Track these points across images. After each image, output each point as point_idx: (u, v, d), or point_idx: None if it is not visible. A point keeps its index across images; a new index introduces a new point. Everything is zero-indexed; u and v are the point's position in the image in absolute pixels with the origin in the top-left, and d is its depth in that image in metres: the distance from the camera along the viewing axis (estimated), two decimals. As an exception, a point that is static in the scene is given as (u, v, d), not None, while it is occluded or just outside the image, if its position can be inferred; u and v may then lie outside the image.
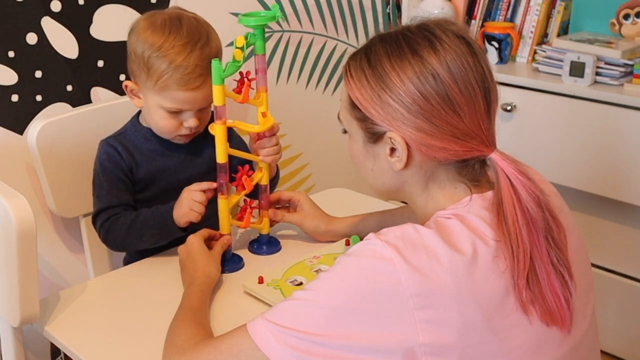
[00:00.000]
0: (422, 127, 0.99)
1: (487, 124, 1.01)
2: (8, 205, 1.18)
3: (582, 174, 2.12)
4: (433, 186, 1.05)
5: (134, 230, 1.45)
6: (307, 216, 1.51)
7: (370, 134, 1.05)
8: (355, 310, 0.93)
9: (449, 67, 0.98)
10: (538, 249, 0.97)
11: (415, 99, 0.98)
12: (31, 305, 1.24)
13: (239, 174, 1.44)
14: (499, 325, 0.94)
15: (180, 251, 1.39)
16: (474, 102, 0.99)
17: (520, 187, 0.98)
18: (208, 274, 1.32)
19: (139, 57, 1.42)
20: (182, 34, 1.41)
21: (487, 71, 1.02)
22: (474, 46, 1.02)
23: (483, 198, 1.01)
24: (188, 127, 1.46)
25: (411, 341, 0.92)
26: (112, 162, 1.49)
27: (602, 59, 2.09)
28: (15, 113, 1.68)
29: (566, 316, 0.98)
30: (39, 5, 1.67)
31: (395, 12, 2.55)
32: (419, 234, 0.96)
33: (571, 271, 0.99)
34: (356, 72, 1.04)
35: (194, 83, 1.41)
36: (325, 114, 2.45)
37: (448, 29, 1.02)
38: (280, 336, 0.96)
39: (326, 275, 0.98)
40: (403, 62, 1.00)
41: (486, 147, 1.00)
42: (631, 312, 2.17)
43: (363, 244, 0.98)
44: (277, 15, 1.40)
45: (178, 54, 1.39)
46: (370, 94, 1.01)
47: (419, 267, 0.92)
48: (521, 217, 0.96)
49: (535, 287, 0.96)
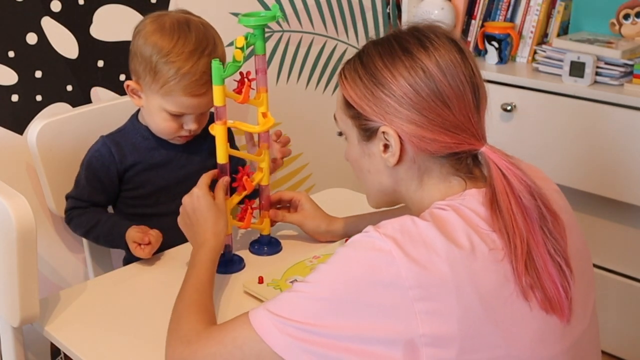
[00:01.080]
0: (414, 119, 1.02)
1: (476, 118, 1.04)
2: (8, 205, 1.18)
3: (582, 174, 2.12)
4: (429, 181, 1.07)
5: (92, 234, 1.54)
6: (308, 216, 1.51)
7: (364, 131, 1.08)
8: (354, 301, 0.94)
9: (438, 62, 1.02)
10: (534, 237, 0.98)
11: (407, 92, 1.02)
12: (31, 305, 1.24)
13: (239, 175, 1.44)
14: (499, 316, 0.95)
15: (185, 203, 1.35)
16: (463, 96, 1.03)
17: (512, 176, 1.00)
18: (216, 234, 1.31)
19: (146, 59, 1.43)
20: (190, 40, 1.42)
21: (476, 70, 1.06)
22: (462, 47, 1.06)
23: (479, 193, 1.03)
24: (188, 129, 1.48)
25: (411, 332, 0.92)
26: (99, 163, 1.52)
27: (602, 59, 2.09)
28: (15, 113, 1.68)
29: (564, 305, 0.99)
30: (39, 5, 1.67)
31: (395, 12, 2.55)
32: (417, 226, 0.97)
33: (569, 263, 1.00)
34: (350, 73, 1.08)
35: (199, 90, 1.42)
36: (325, 114, 2.43)
37: (438, 31, 1.07)
38: (283, 327, 0.97)
39: (325, 267, 1.00)
40: (394, 60, 1.04)
41: (477, 140, 1.04)
42: (631, 312, 2.17)
43: (361, 236, 0.99)
44: (277, 15, 1.40)
45: (186, 61, 1.41)
46: (364, 91, 1.05)
47: (418, 259, 0.93)
48: (515, 205, 0.99)
49: (533, 273, 0.97)
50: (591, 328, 1.07)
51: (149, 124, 1.51)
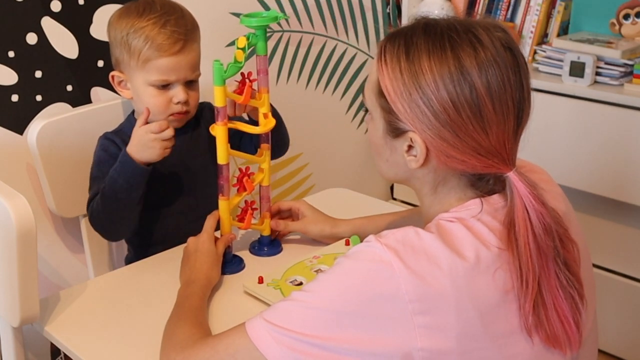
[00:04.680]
0: (446, 137, 0.96)
1: (512, 144, 0.99)
2: (8, 205, 1.18)
3: (581, 174, 2.12)
4: (442, 190, 1.04)
5: (107, 194, 1.43)
6: (310, 222, 1.50)
7: (392, 128, 1.02)
8: (352, 313, 0.93)
9: (489, 82, 0.95)
10: (545, 272, 0.95)
11: (446, 107, 0.95)
12: (31, 305, 1.24)
13: (240, 175, 1.43)
14: (498, 333, 0.94)
15: (190, 243, 1.38)
16: (505, 123, 0.97)
17: (533, 212, 0.96)
18: (209, 277, 1.32)
19: (118, 40, 1.46)
20: (155, 9, 1.46)
21: (527, 89, 0.99)
22: (519, 60, 0.99)
23: (489, 203, 1.00)
24: (178, 101, 1.47)
25: (409, 346, 0.91)
26: (107, 152, 1.51)
27: (602, 59, 2.09)
28: (15, 113, 1.68)
29: (575, 339, 0.97)
30: (38, 5, 1.66)
31: (395, 12, 2.55)
32: (420, 238, 0.95)
33: (582, 292, 0.98)
34: (391, 59, 0.99)
35: (173, 47, 1.44)
36: (325, 114, 2.45)
37: (495, 37, 0.98)
38: (278, 337, 0.96)
39: (324, 277, 0.98)
40: (442, 66, 0.95)
41: (505, 165, 0.98)
42: (631, 312, 2.17)
43: (362, 246, 0.97)
44: (279, 16, 1.40)
45: (154, 25, 1.44)
46: (402, 88, 0.98)
47: (419, 271, 0.92)
48: (532, 240, 0.95)
49: (540, 311, 0.94)
50: (591, 336, 1.06)
51: (142, 111, 1.51)
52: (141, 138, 1.40)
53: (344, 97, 2.50)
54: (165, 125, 1.40)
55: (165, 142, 1.40)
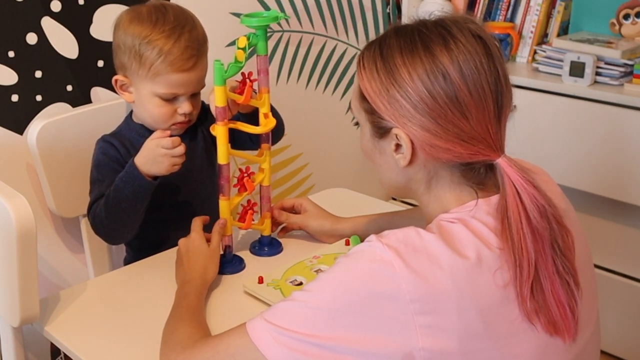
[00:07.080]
0: (428, 127, 0.98)
1: (495, 128, 0.99)
2: (8, 205, 1.18)
3: (581, 174, 2.12)
4: (437, 186, 1.04)
5: (110, 202, 1.42)
6: (311, 216, 1.51)
7: (377, 128, 1.04)
8: (353, 313, 0.93)
9: (461, 68, 0.97)
10: (543, 257, 0.95)
11: (423, 97, 0.97)
12: (31, 305, 1.24)
13: (240, 175, 1.43)
14: (500, 332, 0.94)
15: (180, 244, 1.38)
16: (484, 106, 0.98)
17: (525, 195, 0.96)
18: (204, 276, 1.32)
19: (129, 48, 1.43)
20: (168, 19, 1.44)
21: (502, 74, 1.00)
22: (490, 47, 1.00)
23: (488, 203, 1.00)
24: (183, 113, 1.47)
25: (411, 345, 0.91)
26: (107, 156, 1.49)
27: (602, 59, 2.09)
28: (15, 113, 1.68)
29: (571, 326, 0.97)
30: (39, 5, 1.66)
31: (395, 12, 2.55)
32: (421, 238, 0.95)
33: (577, 279, 0.98)
34: (368, 63, 1.03)
35: (186, 64, 1.42)
36: (325, 114, 2.45)
37: (465, 27, 1.00)
38: (278, 337, 0.95)
39: (325, 277, 0.98)
40: (414, 59, 0.98)
41: (493, 151, 0.99)
42: (631, 312, 2.18)
43: (364, 245, 0.97)
44: (279, 16, 1.40)
45: (168, 38, 1.41)
46: (380, 86, 1.01)
47: (420, 271, 0.91)
48: (526, 225, 0.95)
49: (539, 297, 0.94)
50: (594, 336, 1.06)
51: (143, 117, 1.50)
52: (151, 151, 1.38)
53: (344, 97, 2.50)
54: (177, 141, 1.38)
55: (175, 159, 1.38)
